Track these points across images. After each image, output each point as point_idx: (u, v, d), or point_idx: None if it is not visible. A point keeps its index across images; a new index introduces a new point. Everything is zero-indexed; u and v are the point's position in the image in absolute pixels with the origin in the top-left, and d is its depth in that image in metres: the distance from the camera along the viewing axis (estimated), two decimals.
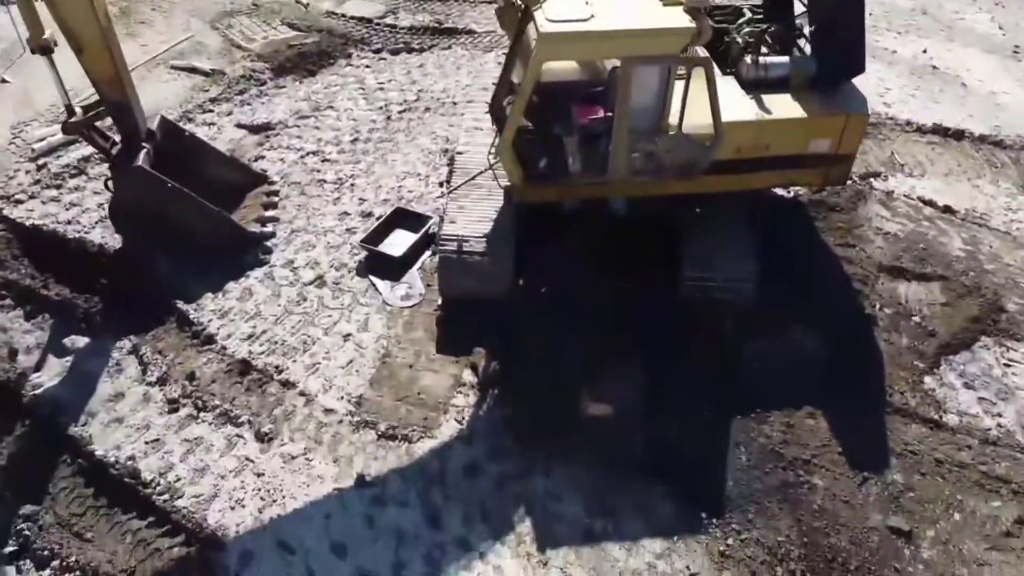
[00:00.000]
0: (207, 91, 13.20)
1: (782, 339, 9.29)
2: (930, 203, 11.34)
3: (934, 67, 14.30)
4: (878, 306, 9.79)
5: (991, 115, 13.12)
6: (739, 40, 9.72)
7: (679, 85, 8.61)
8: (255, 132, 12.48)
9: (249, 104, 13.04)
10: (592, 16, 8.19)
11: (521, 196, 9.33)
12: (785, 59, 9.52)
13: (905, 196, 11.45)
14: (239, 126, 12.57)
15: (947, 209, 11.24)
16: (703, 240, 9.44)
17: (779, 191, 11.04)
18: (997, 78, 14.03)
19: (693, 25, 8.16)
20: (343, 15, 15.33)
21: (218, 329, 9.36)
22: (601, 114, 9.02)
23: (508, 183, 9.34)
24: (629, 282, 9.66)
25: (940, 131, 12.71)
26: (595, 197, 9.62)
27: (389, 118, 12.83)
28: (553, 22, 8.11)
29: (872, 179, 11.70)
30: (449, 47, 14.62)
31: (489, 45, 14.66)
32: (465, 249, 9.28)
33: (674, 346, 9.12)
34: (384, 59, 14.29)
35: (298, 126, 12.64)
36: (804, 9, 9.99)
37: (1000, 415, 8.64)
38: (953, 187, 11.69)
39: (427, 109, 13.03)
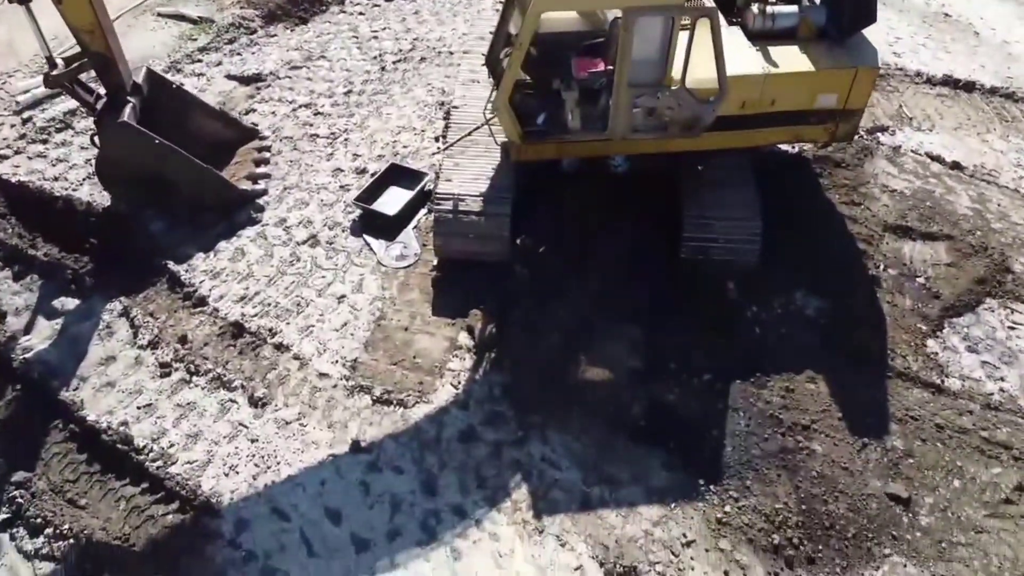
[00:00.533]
0: (195, 40, 12.79)
1: (784, 302, 9.14)
2: (938, 159, 11.05)
3: (946, 15, 13.84)
4: (882, 267, 9.60)
5: (1003, 66, 12.72)
6: None
7: (682, 37, 8.27)
8: (246, 83, 12.12)
9: (239, 54, 12.65)
10: None
11: (518, 154, 9.06)
12: (793, 8, 9.12)
13: (913, 152, 11.16)
14: (229, 77, 12.21)
15: (955, 165, 10.96)
16: (705, 200, 9.19)
17: (783, 147, 10.77)
18: (1011, 27, 13.58)
19: None
20: None
21: (210, 290, 9.19)
22: (601, 67, 8.71)
23: (505, 140, 9.06)
24: (629, 243, 9.48)
25: (950, 83, 12.34)
26: (595, 155, 9.37)
27: (383, 68, 12.45)
28: None
29: (879, 134, 11.39)
30: None
31: None
32: (460, 208, 9.05)
33: (674, 309, 8.97)
34: (378, 5, 13.83)
35: (290, 77, 12.27)
36: None
37: (1003, 379, 8.53)
38: (962, 142, 11.38)
39: (423, 59, 12.64)
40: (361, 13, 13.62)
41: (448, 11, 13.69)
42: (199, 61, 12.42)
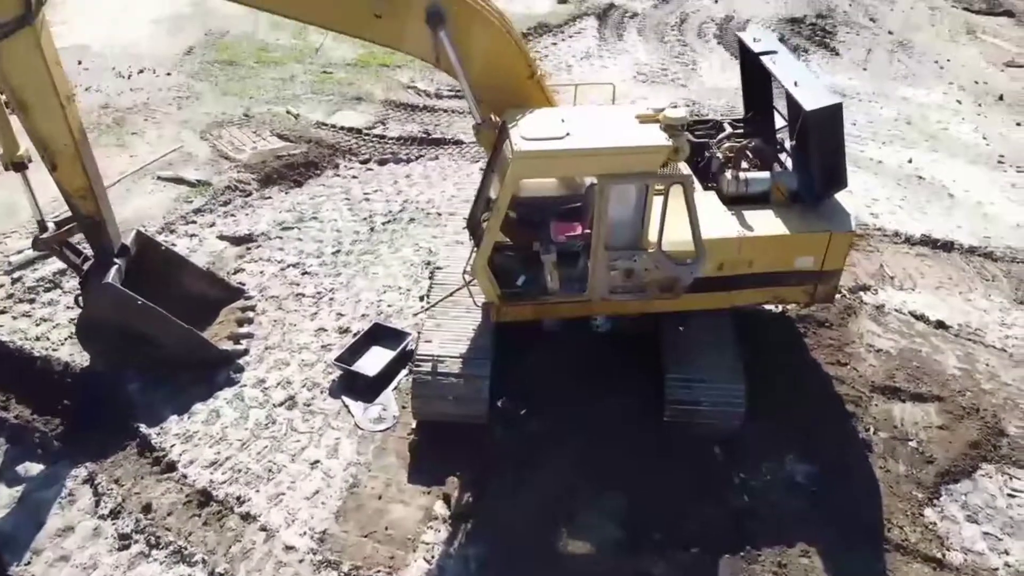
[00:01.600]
0: (191, 202, 13.15)
1: (773, 467, 8.85)
2: (922, 318, 11.06)
3: (920, 177, 14.30)
4: (872, 430, 9.37)
5: (979, 226, 13.00)
6: (719, 155, 9.66)
7: (658, 201, 8.46)
8: (237, 244, 12.34)
9: (233, 215, 12.97)
10: (568, 134, 8.11)
11: (498, 315, 9.05)
12: (766, 174, 9.43)
13: (896, 311, 11.18)
14: (221, 237, 12.45)
15: (940, 324, 10.95)
16: (687, 363, 9.09)
17: (768, 306, 10.80)
18: (983, 188, 14.01)
19: (670, 143, 8.07)
20: (333, 125, 15.48)
21: (180, 455, 8.93)
22: (579, 231, 8.85)
23: (484, 301, 9.09)
24: (613, 404, 9.29)
25: (929, 242, 12.57)
26: (575, 316, 9.36)
27: (373, 229, 12.72)
28: (528, 140, 8.03)
29: (862, 292, 11.47)
30: (436, 157, 14.69)
31: (476, 155, 14.69)
32: (440, 370, 8.94)
33: (660, 475, 8.66)
34: (371, 169, 14.33)
35: (281, 237, 12.52)
36: (785, 124, 10.02)
37: (1007, 552, 8.09)
38: (945, 301, 11.43)
39: (411, 220, 12.95)
40: (355, 176, 14.09)
41: (438, 175, 14.17)
42: (193, 222, 12.72)
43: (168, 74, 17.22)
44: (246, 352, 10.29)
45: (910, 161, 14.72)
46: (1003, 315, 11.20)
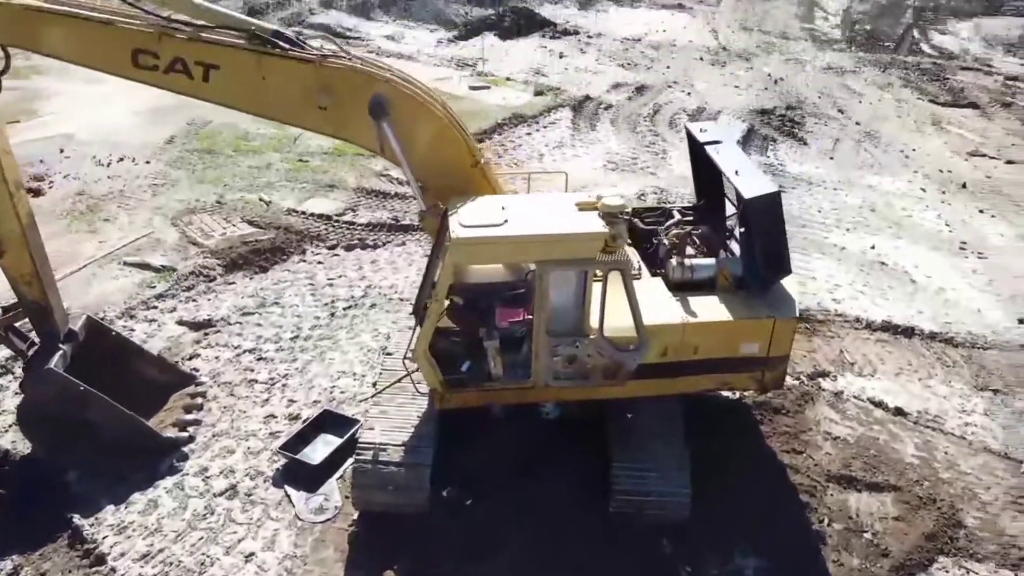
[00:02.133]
0: (154, 287, 13.21)
1: (722, 560, 8.58)
2: (881, 405, 10.93)
3: (883, 263, 14.40)
4: (827, 521, 9.13)
5: (940, 312, 13.01)
6: (666, 242, 9.75)
7: (600, 287, 8.47)
8: (195, 329, 12.32)
9: (195, 300, 12.99)
10: (506, 221, 8.20)
11: (441, 402, 8.96)
12: (711, 261, 9.49)
13: (855, 397, 11.07)
14: (180, 323, 12.44)
15: (898, 411, 10.81)
16: (633, 452, 8.94)
17: (725, 393, 10.70)
18: (945, 274, 14.08)
19: (606, 230, 8.15)
20: (303, 212, 15.69)
21: (111, 547, 8.67)
22: (523, 316, 8.85)
23: (428, 388, 9.01)
24: (561, 493, 9.09)
25: (890, 328, 12.55)
26: (520, 402, 9.26)
27: (333, 314, 12.73)
28: (466, 227, 8.11)
29: (821, 379, 11.37)
30: (404, 243, 14.82)
31: None
32: (380, 459, 8.78)
33: (608, 568, 8.40)
34: (338, 255, 14.45)
35: (240, 323, 12.50)
36: (735, 211, 10.16)
37: None
38: (904, 387, 11.33)
39: (373, 305, 12.97)
40: (320, 262, 14.19)
41: (404, 260, 14.28)
42: (154, 307, 12.73)
43: (147, 162, 17.60)
44: (192, 440, 10.13)
45: (873, 247, 14.85)
46: (963, 402, 11.07)
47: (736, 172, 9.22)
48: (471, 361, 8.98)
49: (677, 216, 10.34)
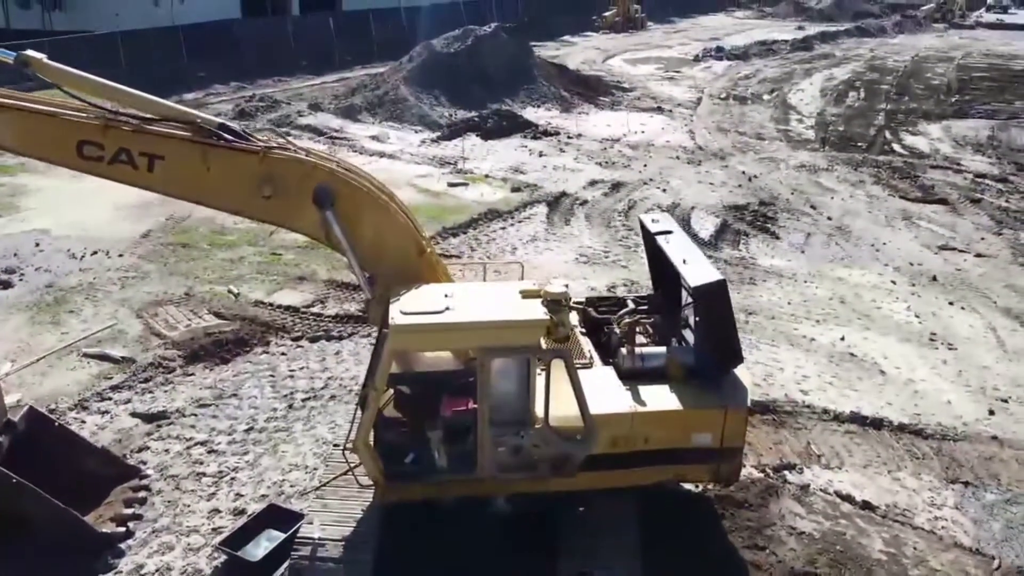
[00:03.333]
0: (111, 379, 13.00)
1: None
2: (848, 498, 10.59)
3: (852, 354, 14.27)
4: None
5: (909, 403, 12.80)
6: (617, 331, 9.66)
7: (544, 376, 8.34)
8: (149, 421, 12.05)
9: (151, 392, 12.77)
10: (447, 308, 8.14)
11: (383, 494, 8.66)
12: (661, 350, 9.39)
13: (821, 491, 10.73)
14: (133, 415, 12.17)
15: (866, 505, 10.46)
16: (581, 550, 8.60)
17: (687, 485, 10.40)
18: (914, 366, 13.94)
19: (547, 317, 8.08)
20: (271, 304, 15.66)
21: None
22: (467, 406, 8.66)
23: (368, 480, 8.72)
24: None
25: (858, 420, 12.31)
26: (467, 495, 8.95)
27: (291, 406, 12.49)
28: (406, 314, 8.04)
29: (787, 471, 11.06)
30: (369, 335, 14.68)
31: None
32: (319, 555, 8.41)
33: None
34: (301, 347, 14.31)
35: (195, 415, 12.24)
36: (690, 301, 10.14)
37: None
38: (873, 480, 11.01)
39: (332, 397, 12.74)
40: (283, 353, 14.05)
41: (369, 351, 14.04)
42: (108, 399, 12.50)
43: (120, 255, 17.70)
44: (130, 535, 9.72)
45: (842, 339, 14.77)
46: (933, 495, 10.74)
47: (684, 261, 9.24)
48: (416, 453, 8.75)
49: (631, 305, 10.30)
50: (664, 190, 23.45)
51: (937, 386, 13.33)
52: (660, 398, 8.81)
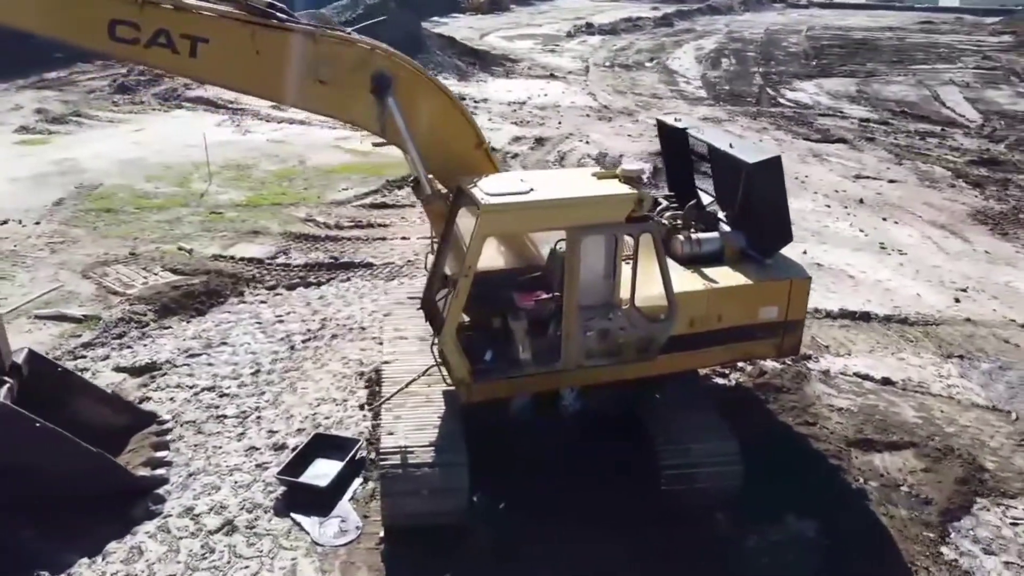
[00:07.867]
0: (79, 336, 11.65)
1: (779, 528, 8.24)
2: (868, 377, 11.17)
3: (819, 264, 15.02)
4: (863, 480, 9.04)
5: (885, 299, 13.67)
6: (665, 222, 9.66)
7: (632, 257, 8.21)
8: (138, 374, 10.88)
9: (130, 347, 11.54)
10: (532, 189, 7.85)
11: (469, 394, 8.23)
12: (716, 234, 9.48)
13: (842, 374, 11.26)
14: (118, 369, 10.96)
15: (886, 381, 11.08)
16: (675, 425, 8.54)
17: (720, 380, 10.61)
18: (876, 269, 14.90)
19: (635, 191, 7.97)
20: (231, 257, 14.57)
21: None
22: (545, 295, 8.41)
23: (453, 382, 8.28)
24: (596, 490, 8.48)
25: (848, 315, 13.02)
26: (548, 388, 8.68)
27: (293, 348, 11.67)
28: (493, 195, 7.68)
29: (805, 361, 11.50)
30: (348, 279, 14.00)
31: (390, 275, 14.21)
32: (411, 461, 7.89)
33: (665, 550, 7.84)
34: (280, 294, 13.40)
35: (188, 364, 11.18)
36: (712, 200, 10.35)
37: None
38: (882, 361, 11.67)
39: (334, 336, 12.02)
40: (263, 302, 13.09)
41: (354, 294, 13.45)
42: (83, 357, 11.18)
43: (36, 223, 15.90)
44: (166, 481, 8.76)
45: (805, 252, 15.47)
46: (937, 369, 11.52)
47: (730, 145, 9.38)
48: (494, 350, 8.40)
49: (664, 203, 10.33)
50: (587, 142, 23.76)
51: (903, 284, 14.31)
52: (728, 276, 8.91)
